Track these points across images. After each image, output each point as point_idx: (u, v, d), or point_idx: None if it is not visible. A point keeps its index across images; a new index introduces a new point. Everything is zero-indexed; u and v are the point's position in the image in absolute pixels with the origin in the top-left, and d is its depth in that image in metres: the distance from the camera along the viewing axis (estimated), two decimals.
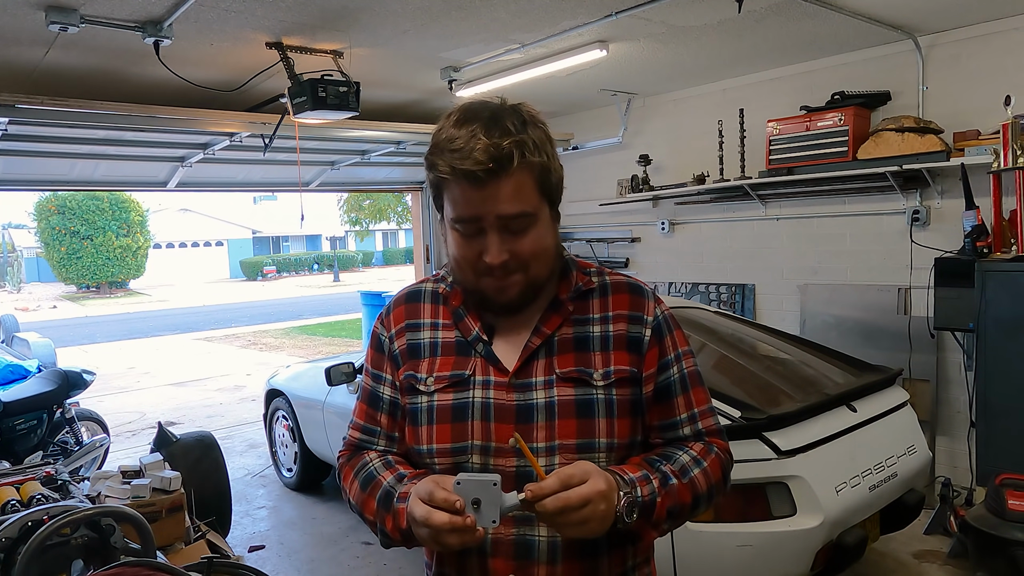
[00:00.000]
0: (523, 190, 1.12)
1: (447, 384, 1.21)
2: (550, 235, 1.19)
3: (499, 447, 1.17)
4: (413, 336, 1.28)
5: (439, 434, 1.20)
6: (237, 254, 37.49)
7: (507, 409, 1.18)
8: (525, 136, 1.10)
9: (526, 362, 1.20)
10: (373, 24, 3.59)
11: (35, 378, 5.14)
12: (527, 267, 1.16)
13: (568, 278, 1.25)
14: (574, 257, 1.31)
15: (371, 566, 3.89)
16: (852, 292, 4.67)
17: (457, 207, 1.13)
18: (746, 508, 2.56)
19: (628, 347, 1.21)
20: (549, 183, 1.16)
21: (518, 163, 1.09)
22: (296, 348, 13.14)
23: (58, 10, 3.08)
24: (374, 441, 1.31)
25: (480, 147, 1.07)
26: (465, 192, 1.10)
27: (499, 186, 1.09)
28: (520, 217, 1.12)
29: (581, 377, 1.18)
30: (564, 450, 1.15)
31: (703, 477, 1.20)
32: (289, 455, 5.16)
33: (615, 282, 1.27)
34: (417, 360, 1.25)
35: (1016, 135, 3.55)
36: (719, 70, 4.95)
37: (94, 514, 2.12)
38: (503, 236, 1.13)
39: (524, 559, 1.16)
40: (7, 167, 5.40)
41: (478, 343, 1.23)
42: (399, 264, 37.98)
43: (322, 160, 6.62)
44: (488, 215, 1.11)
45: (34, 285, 33.43)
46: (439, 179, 1.13)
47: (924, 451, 3.21)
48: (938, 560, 3.58)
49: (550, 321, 1.22)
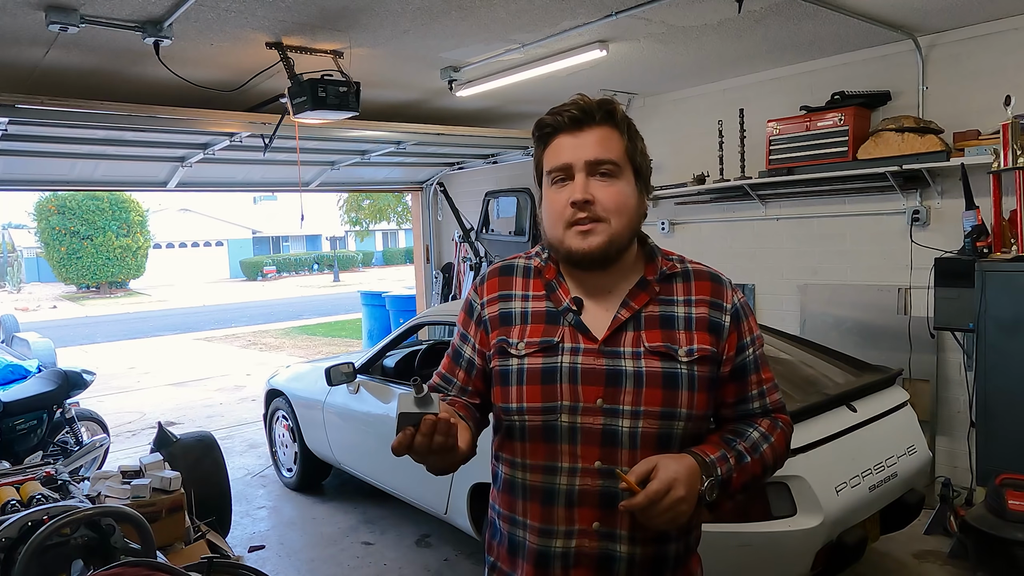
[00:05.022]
0: (609, 143, 1.30)
1: (537, 349, 1.33)
2: (632, 199, 1.32)
3: (586, 406, 1.29)
4: (505, 305, 1.41)
5: (529, 394, 1.32)
6: (237, 254, 37.48)
7: (596, 372, 1.30)
8: (612, 104, 1.33)
9: (615, 332, 1.32)
10: (373, 24, 3.59)
11: (35, 378, 5.13)
12: (609, 218, 1.29)
13: (654, 262, 1.38)
14: (657, 245, 1.43)
15: (371, 566, 3.89)
16: (852, 292, 4.67)
17: (552, 158, 1.32)
18: (746, 508, 2.56)
19: (709, 329, 1.34)
20: (635, 151, 1.33)
21: (605, 115, 1.30)
22: (296, 348, 13.13)
23: (58, 10, 3.08)
24: (448, 389, 1.47)
25: (573, 102, 1.32)
26: (561, 140, 1.31)
27: (589, 133, 1.30)
28: (605, 163, 1.29)
29: (668, 352, 1.31)
30: (648, 416, 1.28)
31: (770, 451, 1.37)
32: (289, 455, 5.16)
33: (697, 270, 1.40)
34: (509, 327, 1.38)
35: (1016, 135, 3.55)
36: (719, 70, 4.95)
37: (94, 514, 2.12)
38: (589, 180, 1.29)
39: (608, 508, 1.29)
40: (7, 167, 5.40)
41: (568, 313, 1.35)
42: (399, 264, 37.97)
43: (322, 160, 6.62)
44: (578, 160, 1.29)
45: (34, 285, 33.42)
46: (543, 136, 1.34)
47: (924, 451, 3.21)
48: (938, 560, 3.58)
49: (638, 298, 1.34)
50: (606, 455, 1.29)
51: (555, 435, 1.31)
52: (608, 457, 1.28)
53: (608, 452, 1.29)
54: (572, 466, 1.30)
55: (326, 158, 6.58)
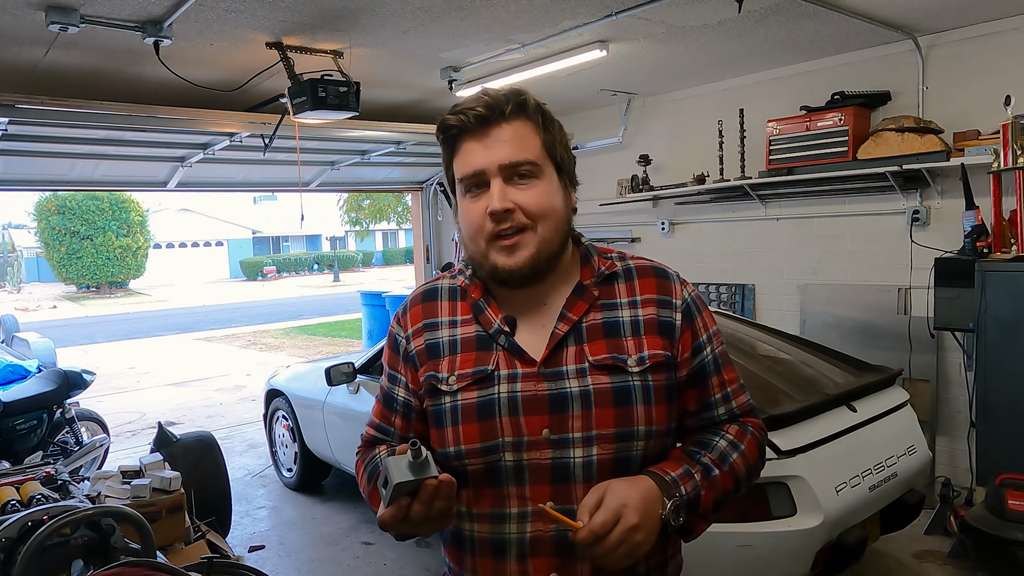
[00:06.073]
0: (524, 140, 1.15)
1: (470, 381, 1.17)
2: (558, 199, 1.18)
3: (532, 440, 1.13)
4: (431, 336, 1.24)
5: (466, 434, 1.16)
6: (237, 254, 37.48)
7: (539, 399, 1.14)
8: (523, 94, 1.17)
9: (554, 350, 1.16)
10: (373, 24, 3.59)
11: (35, 378, 5.13)
12: (534, 224, 1.14)
13: (590, 263, 1.24)
14: (593, 243, 1.29)
15: (371, 566, 3.89)
16: (852, 292, 4.67)
17: (462, 165, 1.17)
18: (746, 508, 2.56)
19: (660, 331, 1.19)
20: (554, 143, 1.19)
21: (514, 108, 1.15)
22: (296, 348, 13.13)
23: (58, 10, 3.08)
24: (388, 440, 1.30)
25: (477, 96, 1.16)
26: (469, 143, 1.16)
27: (500, 132, 1.14)
28: (522, 165, 1.14)
29: (616, 364, 1.15)
30: (602, 440, 1.13)
31: (742, 460, 1.21)
32: (289, 455, 5.16)
33: (639, 266, 1.25)
34: (437, 360, 1.21)
35: (1016, 135, 3.55)
36: (719, 70, 4.94)
37: (94, 514, 2.12)
38: (506, 187, 1.14)
39: (566, 556, 1.13)
40: (7, 167, 5.40)
41: (500, 335, 1.19)
42: (399, 264, 37.98)
43: (322, 160, 6.63)
44: (491, 164, 1.14)
45: (34, 285, 33.42)
46: (449, 139, 1.18)
47: (924, 451, 3.21)
48: (938, 560, 3.58)
49: (576, 307, 1.19)
50: (559, 493, 1.12)
51: (500, 477, 1.15)
52: (561, 495, 1.12)
53: (561, 490, 1.13)
54: (522, 510, 1.14)
55: (326, 158, 6.58)
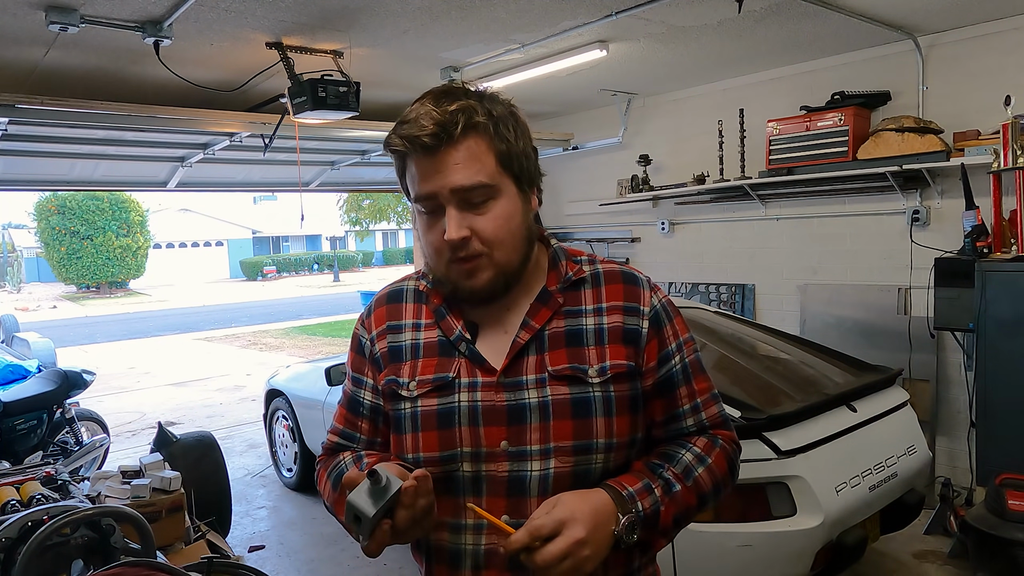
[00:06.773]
0: (477, 159, 1.07)
1: (430, 388, 1.14)
2: (517, 216, 1.12)
3: (490, 451, 1.11)
4: (395, 338, 1.20)
5: (425, 442, 1.13)
6: (237, 254, 37.48)
7: (498, 410, 1.11)
8: (475, 103, 1.07)
9: (515, 359, 1.13)
10: (373, 24, 3.59)
11: (35, 378, 5.14)
12: (491, 251, 1.09)
13: (557, 268, 1.19)
14: (563, 246, 1.24)
15: (371, 566, 3.89)
16: (852, 292, 4.67)
17: (415, 184, 1.10)
18: (746, 508, 2.56)
19: (625, 340, 1.14)
20: (510, 156, 1.10)
21: (465, 127, 1.05)
22: (296, 348, 13.13)
23: (58, 10, 3.08)
24: (353, 447, 1.25)
25: (426, 113, 1.05)
26: (420, 165, 1.08)
27: (449, 153, 1.06)
28: (476, 189, 1.07)
29: (575, 374, 1.11)
30: (560, 452, 1.10)
31: (708, 475, 1.15)
32: (289, 455, 5.16)
33: (608, 271, 1.20)
34: (399, 363, 1.18)
35: (1016, 135, 3.55)
36: (719, 70, 4.94)
37: (94, 514, 2.12)
38: (462, 212, 1.08)
39: (519, 571, 1.08)
40: (7, 167, 5.40)
41: (461, 343, 1.15)
42: (399, 264, 37.98)
43: (322, 160, 6.63)
44: (443, 189, 1.07)
45: (34, 285, 33.43)
46: (398, 157, 1.11)
47: (924, 451, 3.21)
48: (938, 560, 3.58)
49: (539, 314, 1.15)
50: (514, 507, 1.10)
51: (457, 487, 1.12)
52: (516, 509, 1.09)
53: (516, 503, 1.10)
54: (477, 522, 1.12)
55: (326, 158, 6.58)
